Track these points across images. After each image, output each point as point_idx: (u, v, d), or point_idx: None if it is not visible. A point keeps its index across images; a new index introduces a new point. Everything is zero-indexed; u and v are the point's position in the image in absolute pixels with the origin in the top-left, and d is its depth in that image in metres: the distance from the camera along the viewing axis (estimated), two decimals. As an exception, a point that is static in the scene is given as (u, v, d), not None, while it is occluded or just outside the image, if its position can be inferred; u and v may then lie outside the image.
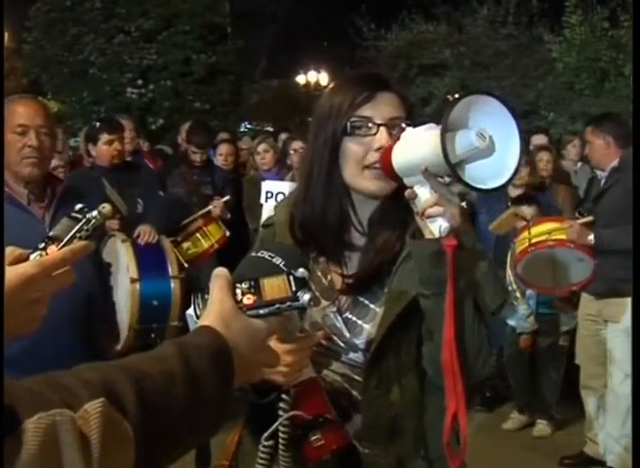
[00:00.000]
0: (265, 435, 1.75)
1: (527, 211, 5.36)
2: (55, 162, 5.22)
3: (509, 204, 5.61)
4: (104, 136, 5.36)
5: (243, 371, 1.14)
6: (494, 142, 1.55)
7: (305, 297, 1.21)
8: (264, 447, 1.77)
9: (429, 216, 1.59)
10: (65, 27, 14.14)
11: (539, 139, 7.27)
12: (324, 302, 1.82)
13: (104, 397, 0.91)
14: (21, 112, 2.86)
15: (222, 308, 1.18)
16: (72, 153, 7.91)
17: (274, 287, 1.22)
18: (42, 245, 1.33)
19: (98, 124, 5.70)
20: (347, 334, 1.82)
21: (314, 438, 1.74)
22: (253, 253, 1.39)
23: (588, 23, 12.97)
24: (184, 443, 1.07)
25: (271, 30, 18.36)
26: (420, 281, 1.67)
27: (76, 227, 1.35)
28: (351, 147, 1.76)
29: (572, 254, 4.86)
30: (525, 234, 5.01)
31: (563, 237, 4.87)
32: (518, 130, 1.55)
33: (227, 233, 5.97)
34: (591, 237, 4.72)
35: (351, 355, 1.83)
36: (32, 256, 1.32)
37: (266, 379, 1.64)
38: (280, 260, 1.32)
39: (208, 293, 1.23)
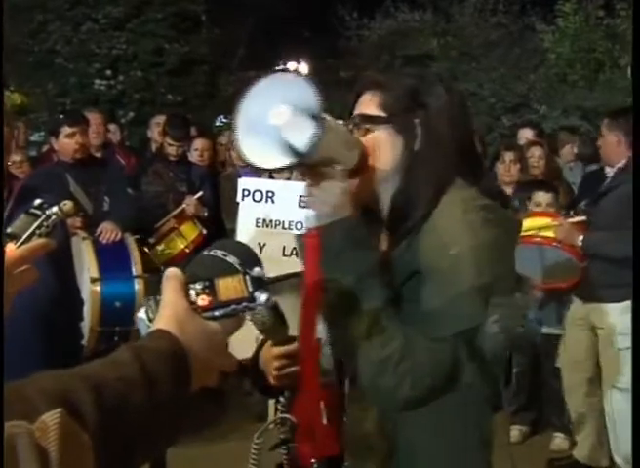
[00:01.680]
0: (256, 434, 1.78)
1: (543, 198, 5.32)
2: (16, 157, 5.19)
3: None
4: (65, 129, 5.32)
5: (200, 376, 1.16)
6: (296, 118, 1.55)
7: (262, 298, 1.21)
8: (255, 444, 1.80)
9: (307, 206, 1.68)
10: (30, 14, 14.03)
11: (525, 133, 7.25)
12: None
13: (62, 407, 0.91)
14: None
15: (177, 311, 1.18)
16: (37, 149, 7.86)
17: (230, 287, 1.22)
18: None
19: (61, 117, 5.67)
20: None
21: (301, 444, 1.76)
22: (205, 252, 1.39)
23: (583, 12, 13.01)
24: (144, 450, 1.07)
25: (249, 18, 18.30)
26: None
27: (35, 224, 1.34)
28: None
29: (559, 254, 4.89)
30: (516, 226, 5.03)
31: (551, 235, 4.89)
32: (318, 107, 1.54)
33: (204, 231, 5.95)
34: (580, 239, 4.74)
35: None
36: (-13, 255, 1.30)
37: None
38: (234, 259, 1.33)
39: (160, 295, 1.23)
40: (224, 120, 16.75)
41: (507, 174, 6.02)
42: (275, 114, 1.55)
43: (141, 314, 1.25)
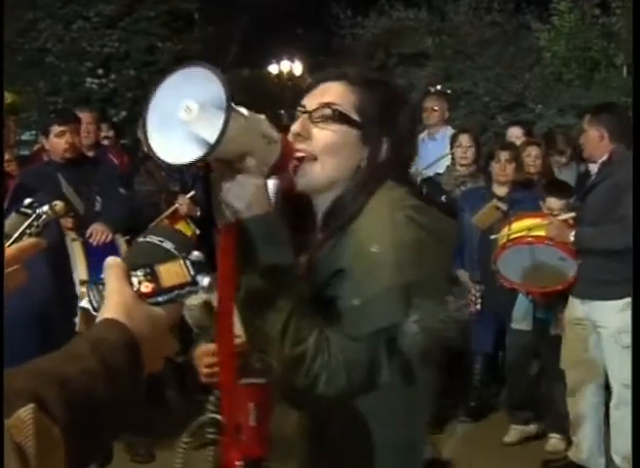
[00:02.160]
0: (185, 434, 1.78)
1: (555, 204, 5.31)
2: (5, 156, 5.17)
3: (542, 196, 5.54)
4: (55, 128, 5.30)
5: (149, 362, 1.18)
6: (206, 113, 1.54)
7: (205, 281, 1.24)
8: (183, 443, 1.80)
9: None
10: (20, 12, 13.99)
11: (515, 132, 7.23)
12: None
13: (33, 402, 0.93)
14: None
15: (123, 299, 1.20)
16: (29, 148, 7.85)
17: (171, 272, 1.24)
18: None
19: (52, 116, 5.66)
20: None
21: (227, 445, 1.77)
22: (140, 239, 1.39)
23: (578, 11, 13.02)
24: (108, 438, 1.13)
25: (242, 17, 18.29)
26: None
27: (25, 223, 1.34)
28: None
29: (552, 253, 4.89)
30: (505, 230, 5.04)
31: (542, 233, 4.89)
32: (226, 100, 1.51)
33: (197, 231, 5.94)
34: (572, 235, 4.74)
35: None
36: (-21, 255, 1.30)
37: None
38: (170, 245, 1.34)
39: (102, 285, 1.23)
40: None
41: (502, 173, 6.01)
42: (184, 110, 1.53)
43: (84, 303, 1.26)
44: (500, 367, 6.58)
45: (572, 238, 4.78)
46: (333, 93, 1.86)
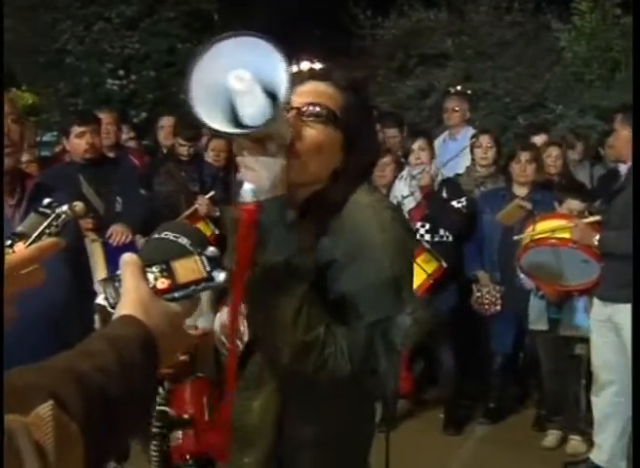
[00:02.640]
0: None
1: (575, 205, 5.29)
2: (25, 157, 5.19)
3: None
4: (75, 129, 5.34)
5: (165, 357, 1.19)
6: (259, 84, 1.54)
7: (221, 276, 1.24)
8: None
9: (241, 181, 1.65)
10: (40, 13, 14.06)
11: (541, 140, 7.18)
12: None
13: (51, 399, 0.93)
14: None
15: (140, 295, 1.20)
16: (50, 149, 7.88)
17: (187, 268, 1.24)
18: (9, 242, 1.32)
19: (73, 117, 5.69)
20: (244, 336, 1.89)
21: (173, 437, 1.77)
22: (155, 235, 1.39)
23: (599, 10, 12.93)
24: (125, 434, 1.12)
25: (261, 18, 18.31)
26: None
27: (45, 223, 1.34)
28: None
29: (576, 255, 4.86)
30: (529, 229, 5.01)
31: (567, 236, 4.87)
32: (286, 74, 1.52)
33: (217, 231, 5.95)
34: (597, 238, 4.71)
35: None
36: (-2, 254, 1.30)
37: None
38: (186, 241, 1.34)
39: (118, 281, 1.23)
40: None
41: (523, 174, 5.99)
42: (235, 78, 1.52)
43: (100, 300, 1.26)
44: (519, 368, 6.56)
45: (596, 242, 4.75)
46: (322, 93, 1.87)
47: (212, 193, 6.20)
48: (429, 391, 6.71)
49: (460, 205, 5.93)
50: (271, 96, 1.54)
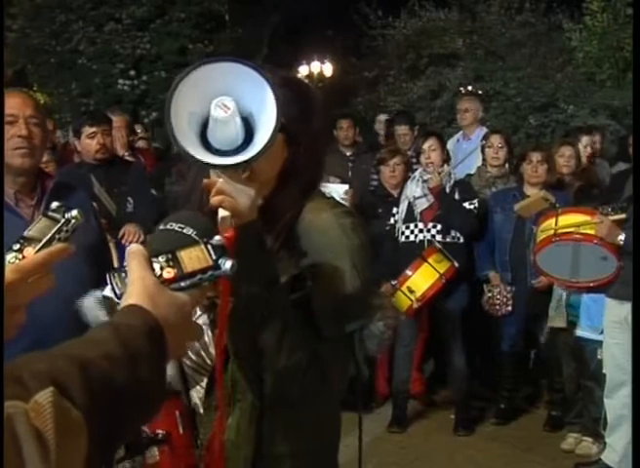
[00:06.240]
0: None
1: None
2: (44, 157, 5.20)
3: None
4: (86, 129, 5.34)
5: (174, 348, 1.18)
6: (240, 113, 1.52)
7: (227, 264, 1.24)
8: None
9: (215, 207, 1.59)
10: (52, 15, 14.10)
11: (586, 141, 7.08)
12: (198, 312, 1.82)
13: (53, 386, 0.93)
14: (10, 103, 2.89)
15: (146, 285, 1.20)
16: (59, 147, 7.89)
17: (193, 258, 1.24)
18: (17, 246, 1.31)
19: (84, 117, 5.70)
20: (212, 351, 1.83)
21: (149, 455, 1.76)
22: (161, 226, 1.39)
23: (610, 10, 12.92)
24: (130, 425, 1.11)
25: (272, 18, 18.31)
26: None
27: (54, 228, 1.33)
28: None
29: (596, 251, 4.82)
30: (551, 222, 4.96)
31: (591, 232, 4.83)
32: (275, 100, 1.50)
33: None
34: (622, 237, 4.67)
35: None
36: (7, 258, 1.30)
37: None
38: (191, 231, 1.34)
39: (124, 272, 1.23)
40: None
41: (534, 174, 5.97)
42: (219, 106, 1.50)
43: (107, 292, 1.25)
44: (530, 368, 6.54)
45: (621, 241, 4.71)
46: None
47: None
48: (440, 392, 6.69)
49: (471, 206, 5.92)
50: (246, 121, 1.53)
